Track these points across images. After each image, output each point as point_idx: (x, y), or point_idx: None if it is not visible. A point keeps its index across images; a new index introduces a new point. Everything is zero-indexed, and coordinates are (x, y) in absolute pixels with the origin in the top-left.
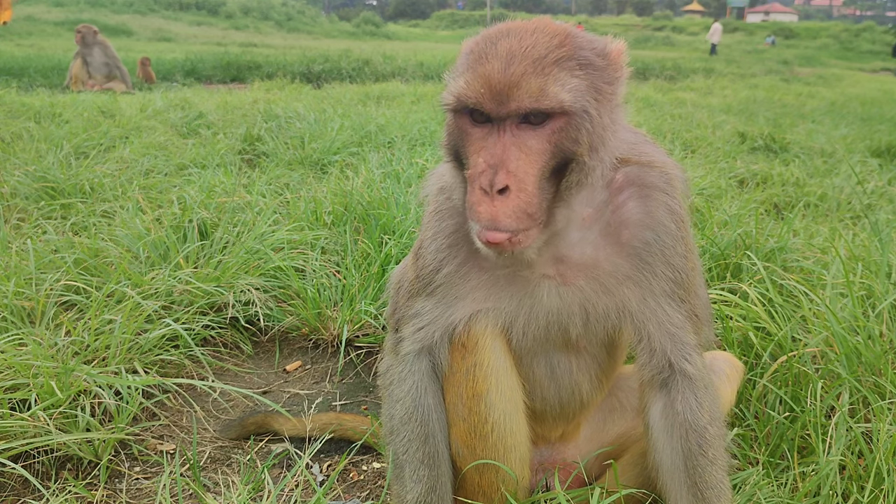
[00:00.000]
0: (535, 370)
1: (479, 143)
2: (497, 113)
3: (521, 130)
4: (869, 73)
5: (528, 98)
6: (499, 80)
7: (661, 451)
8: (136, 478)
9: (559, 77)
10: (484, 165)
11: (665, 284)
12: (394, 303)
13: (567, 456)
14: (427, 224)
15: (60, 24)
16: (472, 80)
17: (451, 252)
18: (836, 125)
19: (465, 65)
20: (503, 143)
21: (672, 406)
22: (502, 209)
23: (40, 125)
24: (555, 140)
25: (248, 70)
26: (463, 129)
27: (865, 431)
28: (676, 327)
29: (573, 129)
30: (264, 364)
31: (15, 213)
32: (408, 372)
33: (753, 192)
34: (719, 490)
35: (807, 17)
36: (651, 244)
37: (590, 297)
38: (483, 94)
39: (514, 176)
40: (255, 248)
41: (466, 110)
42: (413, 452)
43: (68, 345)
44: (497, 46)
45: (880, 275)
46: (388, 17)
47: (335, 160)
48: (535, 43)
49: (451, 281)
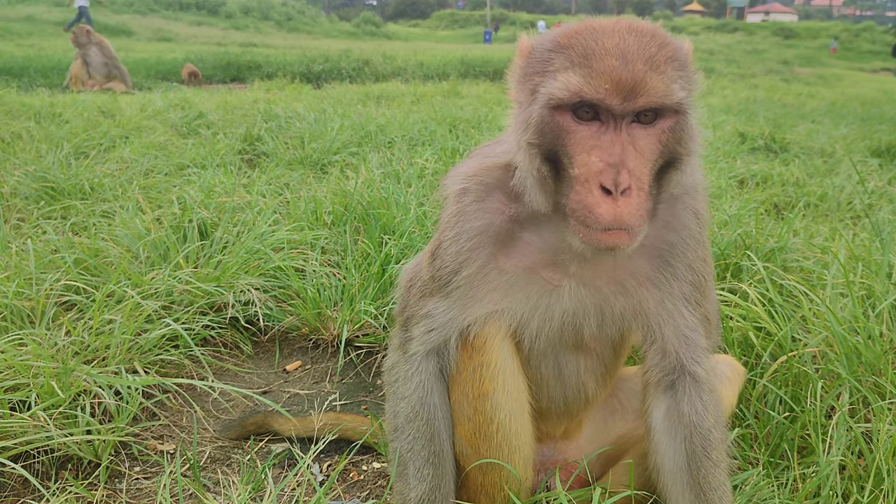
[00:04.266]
0: (543, 370)
1: (588, 142)
2: (621, 109)
3: (633, 129)
4: (869, 73)
5: (655, 95)
6: (625, 77)
7: (664, 452)
8: (136, 478)
9: (672, 76)
10: (602, 164)
11: (684, 287)
12: (404, 300)
13: (568, 456)
14: (447, 224)
15: (60, 24)
16: (593, 76)
17: (472, 254)
18: (836, 125)
19: (569, 61)
20: (621, 141)
21: (678, 408)
22: (626, 209)
23: (40, 125)
24: (664, 139)
25: (248, 70)
26: (563, 126)
27: (865, 431)
28: (691, 330)
29: (679, 128)
30: (264, 364)
31: (15, 213)
32: (414, 371)
33: (753, 192)
34: (722, 492)
35: (807, 17)
36: (675, 246)
37: (607, 298)
38: (608, 90)
39: (634, 175)
40: (255, 248)
41: (572, 107)
42: (418, 451)
43: (68, 345)
44: (604, 44)
45: (880, 275)
46: (388, 17)
47: (335, 160)
48: (642, 42)
49: (469, 283)
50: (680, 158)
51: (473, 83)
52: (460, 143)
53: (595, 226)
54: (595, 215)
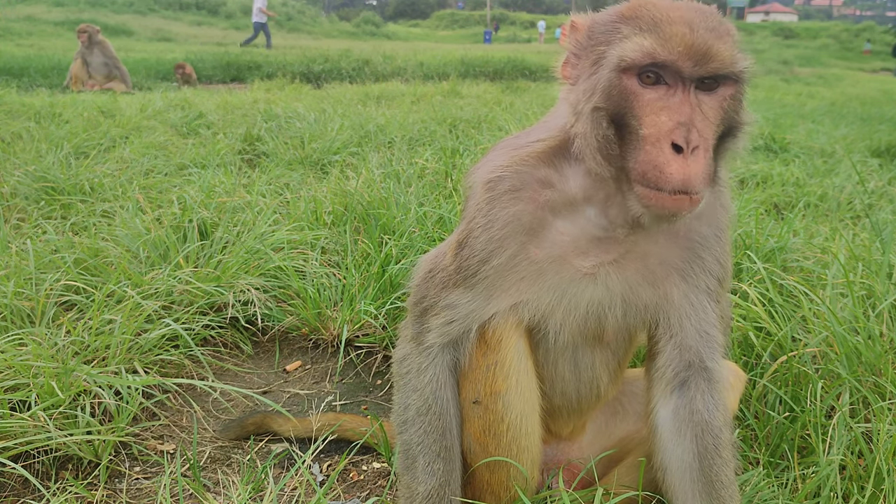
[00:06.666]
0: (560, 365)
1: (656, 104)
2: (690, 73)
3: (698, 94)
4: (869, 73)
5: (723, 61)
6: (695, 42)
7: (672, 451)
8: (136, 478)
9: (735, 47)
10: (672, 123)
11: (710, 281)
12: (422, 291)
13: (571, 456)
14: (477, 213)
15: (60, 24)
16: (666, 40)
17: (504, 243)
18: (836, 125)
19: (638, 27)
20: (689, 102)
21: (690, 405)
22: (695, 169)
23: (40, 125)
24: (725, 106)
25: (248, 70)
26: (630, 89)
27: (865, 431)
28: (710, 326)
29: (737, 97)
30: (264, 364)
31: (15, 213)
32: (429, 363)
33: (753, 192)
34: (732, 491)
35: (807, 17)
36: (707, 238)
37: (634, 288)
38: (681, 53)
39: (702, 136)
40: (255, 248)
41: (640, 70)
42: (429, 445)
43: (68, 345)
44: (669, 14)
45: (880, 275)
46: (388, 17)
47: (335, 160)
48: (703, 15)
49: (497, 273)
50: (738, 127)
51: (473, 83)
52: (460, 143)
53: (665, 186)
54: (666, 174)
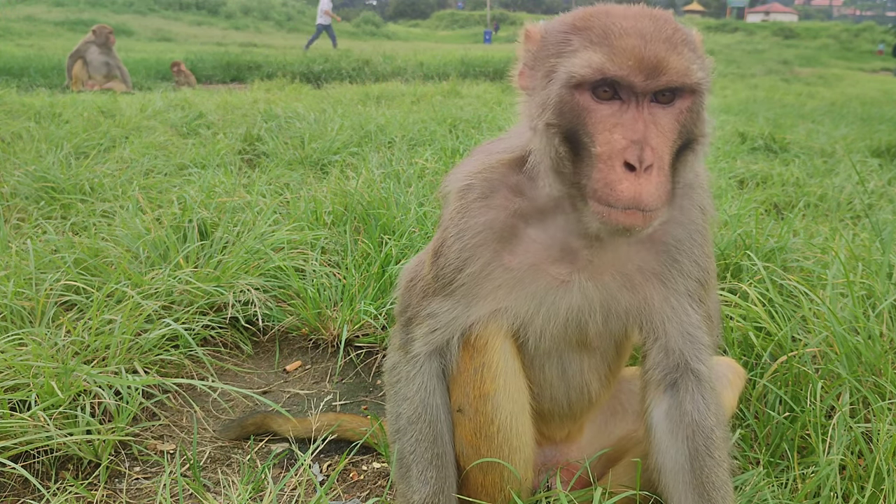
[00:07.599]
0: (546, 370)
1: (609, 120)
2: (643, 87)
3: (653, 109)
4: (869, 73)
5: (676, 73)
6: (647, 55)
7: (666, 451)
8: (136, 478)
9: (691, 57)
10: (625, 141)
11: (690, 284)
12: (405, 300)
13: (569, 457)
14: (451, 222)
15: (60, 24)
16: (616, 54)
17: (476, 251)
18: (836, 125)
19: (588, 40)
20: (643, 119)
21: (680, 406)
22: (647, 187)
23: (40, 125)
24: (681, 120)
25: (248, 70)
26: (583, 105)
27: (865, 431)
28: (694, 327)
29: (696, 109)
30: (264, 364)
31: (15, 213)
32: (417, 372)
33: (753, 192)
34: (725, 491)
35: (807, 17)
36: (682, 241)
37: (613, 294)
38: (632, 67)
39: (656, 153)
40: (255, 248)
41: (592, 85)
42: (421, 453)
43: (68, 345)
44: (622, 24)
45: (880, 275)
46: (388, 17)
47: (335, 160)
48: (657, 24)
49: (473, 280)
50: (696, 140)
51: (473, 83)
52: (460, 143)
53: (616, 204)
54: (617, 192)
